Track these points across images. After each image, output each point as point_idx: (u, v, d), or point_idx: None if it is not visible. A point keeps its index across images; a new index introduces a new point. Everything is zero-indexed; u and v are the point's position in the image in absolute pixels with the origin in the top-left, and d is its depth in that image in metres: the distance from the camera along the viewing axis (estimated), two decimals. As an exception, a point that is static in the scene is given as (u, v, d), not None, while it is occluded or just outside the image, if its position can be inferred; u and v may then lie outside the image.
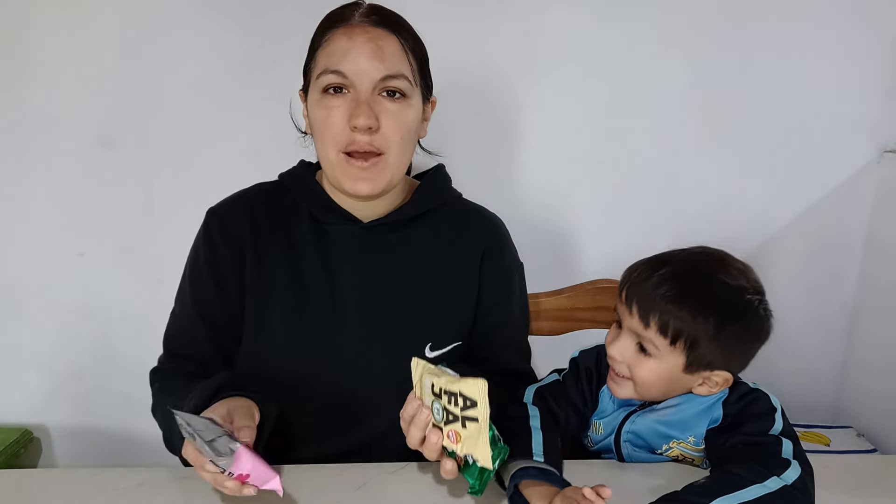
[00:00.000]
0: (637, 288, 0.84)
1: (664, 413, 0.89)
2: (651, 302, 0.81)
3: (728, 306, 0.81)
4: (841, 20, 1.53)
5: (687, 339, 0.81)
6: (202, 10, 1.47)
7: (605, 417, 0.94)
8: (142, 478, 0.86)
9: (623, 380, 0.87)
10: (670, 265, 0.84)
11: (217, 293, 0.95)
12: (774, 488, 0.76)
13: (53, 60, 1.48)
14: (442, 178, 1.04)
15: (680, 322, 0.80)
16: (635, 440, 0.91)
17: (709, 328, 0.80)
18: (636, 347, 0.84)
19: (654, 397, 0.89)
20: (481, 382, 0.69)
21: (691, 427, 0.88)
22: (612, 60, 1.53)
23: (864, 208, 1.64)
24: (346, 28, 0.87)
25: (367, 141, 0.87)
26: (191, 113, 1.52)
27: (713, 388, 0.85)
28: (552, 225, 1.61)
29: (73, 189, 1.55)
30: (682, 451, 0.90)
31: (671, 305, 0.80)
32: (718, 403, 0.87)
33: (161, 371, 0.98)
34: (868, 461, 1.28)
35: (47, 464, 1.72)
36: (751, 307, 0.82)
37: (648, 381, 0.85)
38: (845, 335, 1.71)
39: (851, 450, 1.55)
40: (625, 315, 0.85)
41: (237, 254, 0.94)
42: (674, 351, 0.82)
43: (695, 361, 0.82)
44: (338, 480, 0.85)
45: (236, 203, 0.99)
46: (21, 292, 1.60)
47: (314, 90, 0.90)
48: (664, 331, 0.81)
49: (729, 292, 0.82)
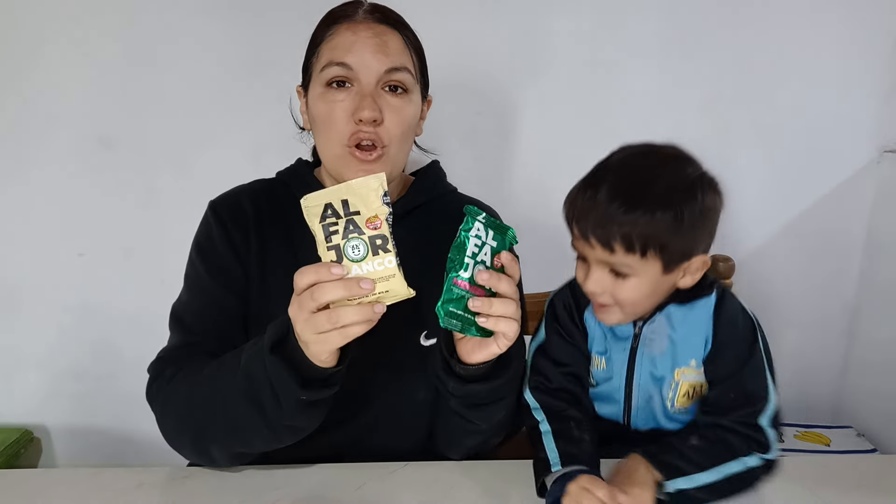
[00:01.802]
0: (586, 218, 0.81)
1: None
2: (605, 227, 0.79)
3: (677, 194, 0.79)
4: (841, 20, 1.53)
5: (654, 245, 0.79)
6: (202, 11, 1.47)
7: (600, 350, 0.93)
8: (142, 478, 0.86)
9: (608, 308, 0.86)
10: (605, 181, 0.81)
11: (238, 265, 0.93)
12: (749, 466, 0.82)
13: (53, 60, 1.48)
14: (437, 172, 1.06)
15: (641, 233, 0.78)
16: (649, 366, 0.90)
17: (669, 223, 0.77)
18: (611, 275, 0.83)
19: (643, 311, 0.88)
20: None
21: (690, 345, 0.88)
22: (612, 60, 1.53)
23: (864, 208, 1.64)
24: (351, 24, 0.89)
25: (371, 132, 0.87)
26: (191, 113, 1.52)
27: (696, 275, 0.85)
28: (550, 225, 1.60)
29: (73, 189, 1.55)
30: (689, 381, 0.89)
31: (625, 222, 0.78)
32: (710, 314, 0.88)
33: (171, 358, 0.91)
34: (868, 461, 1.28)
35: (47, 464, 1.72)
36: (697, 184, 0.80)
37: (634, 300, 0.84)
38: (845, 335, 1.71)
39: (851, 450, 1.55)
40: (586, 249, 0.83)
41: (245, 240, 0.94)
42: (647, 261, 0.80)
43: (670, 260, 0.81)
44: (338, 480, 0.85)
45: (238, 195, 0.99)
46: (21, 292, 1.60)
47: (316, 84, 0.90)
48: (631, 248, 0.79)
49: (671, 180, 0.80)
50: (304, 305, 0.69)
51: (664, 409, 0.92)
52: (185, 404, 0.85)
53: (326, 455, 0.91)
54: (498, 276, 0.76)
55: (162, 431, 0.89)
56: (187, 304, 0.95)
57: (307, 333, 0.70)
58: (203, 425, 0.84)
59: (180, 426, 0.87)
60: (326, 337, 0.70)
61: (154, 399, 0.90)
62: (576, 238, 0.84)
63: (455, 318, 0.75)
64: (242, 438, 0.84)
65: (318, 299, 0.68)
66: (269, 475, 0.87)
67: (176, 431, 0.88)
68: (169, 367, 0.90)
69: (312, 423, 0.82)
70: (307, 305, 0.69)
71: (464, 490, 0.84)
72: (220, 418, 0.82)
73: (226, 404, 0.80)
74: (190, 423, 0.85)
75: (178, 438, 0.88)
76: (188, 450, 0.89)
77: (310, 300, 0.69)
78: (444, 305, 0.74)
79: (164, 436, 0.89)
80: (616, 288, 0.83)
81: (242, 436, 0.83)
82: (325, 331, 0.69)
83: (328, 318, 0.68)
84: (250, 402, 0.78)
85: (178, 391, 0.86)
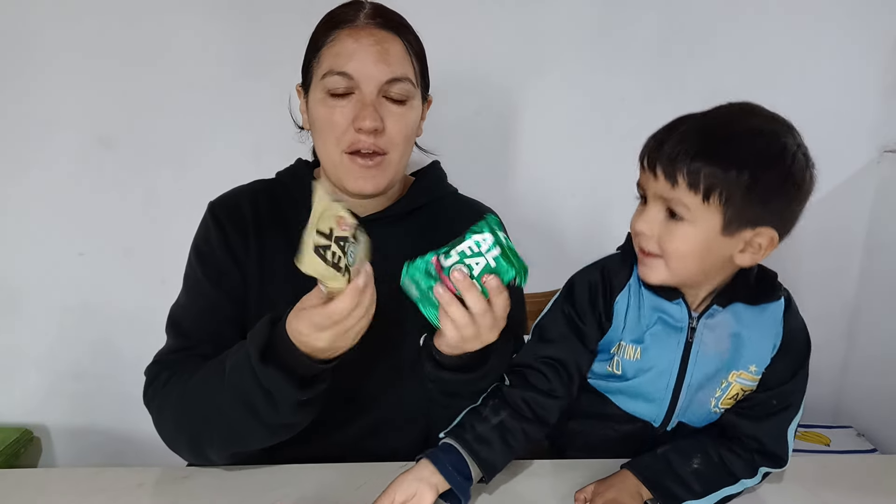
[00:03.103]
0: (659, 149, 0.75)
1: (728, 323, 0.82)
2: (676, 158, 0.73)
3: (763, 152, 0.73)
4: (841, 20, 1.53)
5: (721, 194, 0.71)
6: (202, 11, 1.47)
7: (635, 338, 0.84)
8: (142, 478, 0.86)
9: (652, 259, 0.78)
10: (694, 120, 0.77)
11: (236, 269, 0.93)
12: (754, 483, 0.83)
13: (53, 60, 1.48)
14: (437, 173, 1.06)
15: (711, 174, 0.71)
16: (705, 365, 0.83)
17: (743, 177, 0.71)
18: (666, 215, 0.76)
19: (690, 276, 0.79)
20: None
21: (757, 351, 0.83)
22: (612, 60, 1.53)
23: (864, 208, 1.64)
24: (352, 29, 0.88)
25: (372, 142, 0.87)
26: (191, 113, 1.52)
27: (757, 254, 0.77)
28: (550, 225, 1.61)
29: (73, 189, 1.54)
30: (741, 384, 0.84)
31: (699, 158, 0.72)
32: (780, 321, 0.83)
33: (168, 362, 0.91)
34: (868, 461, 1.28)
35: (47, 464, 1.72)
36: (788, 151, 0.74)
37: (682, 252, 0.75)
38: (845, 335, 1.71)
39: (851, 450, 1.55)
40: (649, 182, 0.76)
41: (244, 242, 0.94)
42: (708, 209, 0.73)
43: (733, 219, 0.73)
44: (338, 480, 0.85)
45: (238, 196, 0.99)
46: (21, 292, 1.60)
47: (317, 89, 0.90)
48: (695, 186, 0.72)
49: (762, 137, 0.74)
50: (351, 328, 0.73)
51: (707, 410, 0.86)
52: (179, 410, 0.86)
53: (327, 455, 0.91)
54: (471, 286, 0.74)
55: (159, 434, 0.89)
56: (185, 307, 0.95)
57: (342, 344, 0.74)
58: (198, 430, 0.84)
59: (176, 431, 0.87)
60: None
61: (150, 403, 0.90)
62: (643, 171, 0.78)
63: (416, 286, 0.76)
64: (238, 441, 0.84)
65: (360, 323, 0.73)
66: (269, 475, 0.87)
67: (172, 435, 0.88)
68: (164, 371, 0.90)
69: (309, 418, 0.82)
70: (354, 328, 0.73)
71: (464, 490, 0.84)
72: (215, 423, 0.82)
73: (219, 410, 0.81)
74: (185, 428, 0.86)
75: (175, 442, 0.88)
76: (185, 452, 0.90)
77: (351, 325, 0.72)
78: (412, 269, 0.75)
79: (162, 438, 0.89)
80: (667, 232, 0.76)
81: (238, 438, 0.83)
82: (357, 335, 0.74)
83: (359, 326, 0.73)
84: (243, 408, 0.79)
85: (172, 397, 0.86)
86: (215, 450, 0.86)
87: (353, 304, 0.70)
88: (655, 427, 0.88)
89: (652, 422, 0.88)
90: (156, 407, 0.89)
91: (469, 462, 0.78)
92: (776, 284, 0.85)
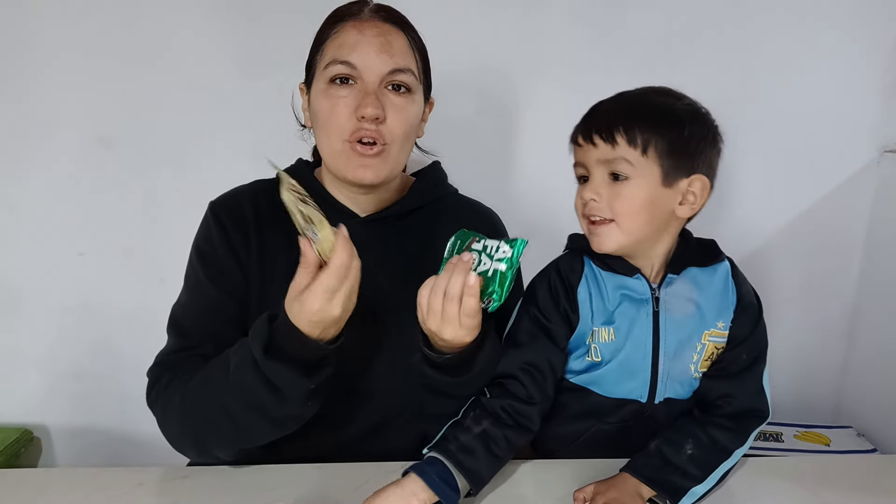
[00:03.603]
0: (593, 118, 0.85)
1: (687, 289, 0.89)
2: (612, 122, 0.81)
3: (686, 111, 0.83)
4: (841, 20, 1.53)
5: (657, 146, 0.80)
6: (202, 11, 1.47)
7: (605, 320, 0.88)
8: (142, 478, 0.86)
9: (603, 225, 0.83)
10: (614, 97, 0.86)
11: (238, 269, 0.93)
12: (748, 446, 0.86)
13: (53, 60, 1.48)
14: (438, 173, 1.06)
15: (646, 129, 0.80)
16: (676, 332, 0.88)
17: (674, 129, 0.81)
18: (609, 179, 0.83)
19: (642, 234, 0.84)
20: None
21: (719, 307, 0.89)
22: (613, 60, 1.53)
23: (864, 208, 1.64)
24: (357, 22, 0.90)
25: (374, 129, 0.88)
26: (191, 113, 1.52)
27: (695, 204, 0.85)
28: (550, 225, 1.60)
29: (73, 189, 1.54)
30: (713, 343, 0.89)
31: (632, 118, 0.81)
32: (731, 279, 0.90)
33: (170, 363, 0.91)
34: (868, 461, 1.28)
35: (47, 464, 1.71)
36: (703, 115, 0.85)
37: (632, 209, 0.82)
38: (845, 335, 1.71)
39: (851, 450, 1.55)
40: (589, 153, 0.83)
41: (245, 241, 0.94)
42: (647, 162, 0.81)
43: (670, 170, 0.81)
44: (338, 480, 0.85)
45: (238, 196, 0.99)
46: (21, 292, 1.60)
47: (320, 80, 0.91)
48: (633, 141, 0.80)
49: (681, 100, 0.85)
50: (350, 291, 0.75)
51: (689, 377, 0.90)
52: (182, 412, 0.86)
53: (327, 455, 0.91)
54: (463, 270, 0.77)
55: (164, 436, 0.89)
56: (186, 307, 0.95)
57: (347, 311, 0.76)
58: (203, 431, 0.85)
59: (181, 432, 0.87)
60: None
61: (154, 405, 0.90)
62: (579, 146, 0.85)
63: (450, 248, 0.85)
64: (244, 438, 0.84)
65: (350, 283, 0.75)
66: (270, 475, 0.87)
67: (178, 437, 0.88)
68: (165, 373, 0.90)
69: (314, 408, 0.83)
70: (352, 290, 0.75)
71: (464, 490, 0.84)
72: (219, 423, 0.82)
73: (223, 410, 0.81)
74: (189, 429, 0.86)
75: (180, 443, 0.88)
76: (191, 452, 0.90)
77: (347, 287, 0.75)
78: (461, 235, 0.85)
79: (167, 440, 0.89)
80: (614, 194, 0.82)
81: (244, 435, 0.84)
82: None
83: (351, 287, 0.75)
84: (249, 405, 0.79)
85: (174, 399, 0.86)
86: (221, 448, 0.87)
87: (350, 253, 0.73)
88: (644, 403, 0.89)
89: (639, 398, 0.89)
90: (159, 409, 0.89)
91: (455, 473, 0.78)
92: (718, 249, 0.92)
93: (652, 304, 0.88)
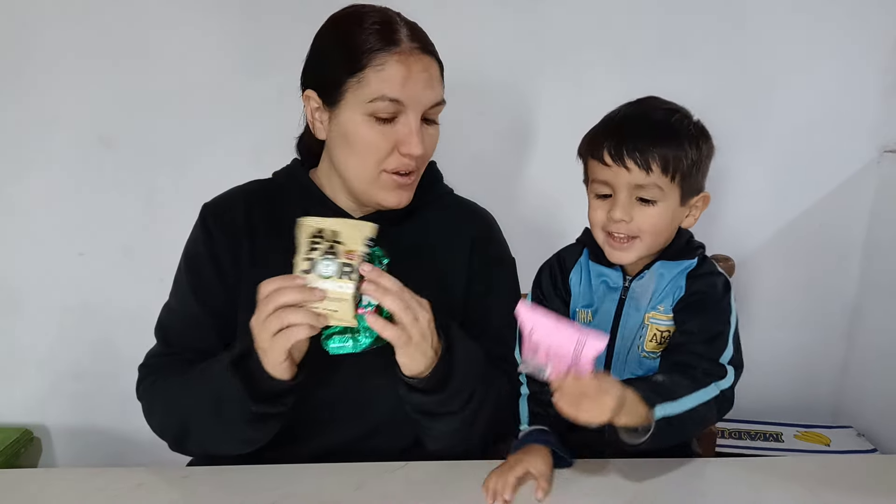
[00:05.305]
0: (622, 140, 0.86)
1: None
2: (646, 147, 0.84)
3: (698, 133, 0.88)
4: (841, 20, 1.53)
5: (681, 170, 0.86)
6: (202, 11, 1.47)
7: (586, 303, 0.97)
8: (142, 478, 0.86)
9: (629, 242, 0.89)
10: (627, 114, 0.90)
11: (220, 283, 0.95)
12: (711, 396, 0.84)
13: (53, 60, 1.48)
14: (434, 174, 1.06)
15: (675, 157, 0.85)
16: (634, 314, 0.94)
17: (693, 153, 0.86)
18: (636, 200, 0.88)
19: (658, 247, 0.92)
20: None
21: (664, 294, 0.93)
22: (614, 60, 1.53)
23: (864, 208, 1.64)
24: (401, 56, 0.86)
25: (412, 165, 0.91)
26: (191, 113, 1.52)
27: (697, 214, 0.93)
28: (553, 226, 1.61)
29: (73, 189, 1.55)
30: (656, 325, 0.93)
31: (661, 145, 0.84)
32: (685, 274, 0.93)
33: (155, 365, 0.97)
34: (868, 461, 1.28)
35: (47, 464, 1.72)
36: (705, 129, 0.90)
37: (657, 230, 0.88)
38: (845, 335, 1.71)
39: (851, 450, 1.55)
40: (620, 175, 0.86)
41: (235, 247, 0.95)
42: (673, 185, 0.86)
43: (686, 191, 0.88)
44: (337, 480, 0.85)
45: (231, 198, 1.00)
46: (21, 292, 1.60)
47: (357, 107, 0.87)
48: (666, 169, 0.85)
49: (690, 122, 0.89)
50: (263, 309, 0.76)
51: (638, 355, 0.95)
52: (163, 412, 0.93)
53: (327, 455, 0.91)
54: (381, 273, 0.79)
55: (151, 428, 0.95)
56: (172, 313, 0.99)
57: (262, 337, 0.77)
58: (181, 430, 0.90)
59: (162, 429, 0.94)
60: (275, 339, 0.75)
61: (141, 399, 0.97)
62: (605, 166, 0.88)
63: (348, 342, 0.81)
64: (213, 445, 0.90)
65: (276, 300, 0.74)
66: (269, 475, 0.87)
67: (160, 432, 0.94)
68: (150, 374, 0.96)
69: (266, 435, 0.87)
70: (265, 309, 0.75)
71: (464, 490, 0.84)
72: (192, 426, 0.89)
73: (194, 415, 0.87)
74: (168, 429, 0.92)
75: (163, 438, 0.94)
76: (174, 448, 0.95)
77: (268, 303, 0.75)
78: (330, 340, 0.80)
79: (153, 431, 0.95)
80: (642, 216, 0.87)
81: (213, 443, 0.89)
82: (275, 332, 0.75)
83: (277, 318, 0.74)
84: (213, 414, 0.84)
85: (155, 399, 0.94)
86: (197, 450, 0.93)
87: (275, 287, 0.75)
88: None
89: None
90: (145, 405, 0.95)
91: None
92: (693, 250, 0.96)
93: (621, 293, 0.95)
